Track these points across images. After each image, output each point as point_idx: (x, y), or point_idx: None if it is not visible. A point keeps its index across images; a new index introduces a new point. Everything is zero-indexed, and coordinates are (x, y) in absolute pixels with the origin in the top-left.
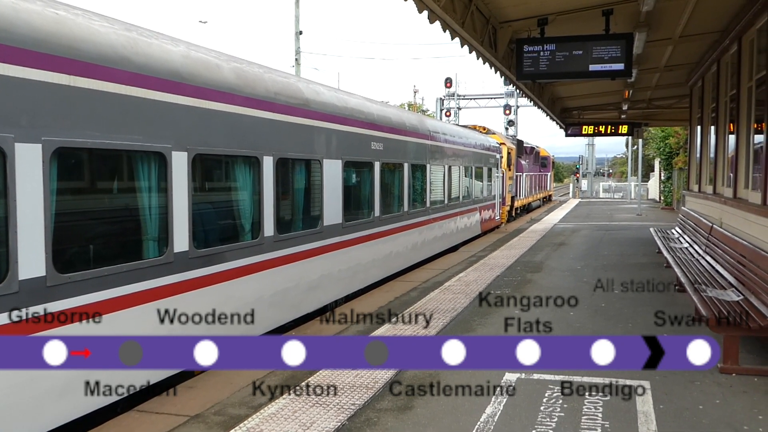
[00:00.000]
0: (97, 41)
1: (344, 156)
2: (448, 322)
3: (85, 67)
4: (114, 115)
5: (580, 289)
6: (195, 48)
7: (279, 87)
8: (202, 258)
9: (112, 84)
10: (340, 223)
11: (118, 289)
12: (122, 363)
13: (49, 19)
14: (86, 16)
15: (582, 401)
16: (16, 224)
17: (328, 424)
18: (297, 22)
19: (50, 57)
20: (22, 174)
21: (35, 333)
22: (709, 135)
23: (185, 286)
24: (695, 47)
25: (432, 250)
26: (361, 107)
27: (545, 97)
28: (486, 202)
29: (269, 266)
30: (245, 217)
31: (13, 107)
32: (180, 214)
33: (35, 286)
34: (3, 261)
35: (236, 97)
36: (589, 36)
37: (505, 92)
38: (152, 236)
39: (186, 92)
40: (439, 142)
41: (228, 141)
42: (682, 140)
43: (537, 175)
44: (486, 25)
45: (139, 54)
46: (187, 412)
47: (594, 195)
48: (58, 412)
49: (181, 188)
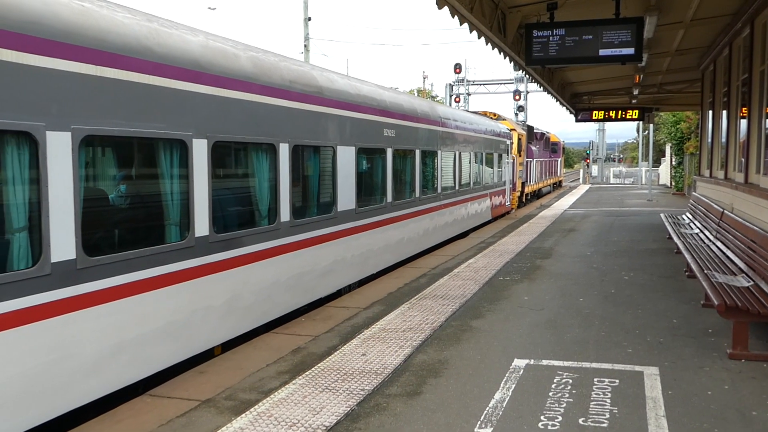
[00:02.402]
0: (121, 32)
1: (357, 143)
2: (457, 308)
3: (110, 58)
4: (138, 104)
5: (590, 275)
6: (213, 38)
7: (294, 75)
8: (221, 242)
9: (136, 74)
10: (354, 208)
11: (142, 272)
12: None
13: (76, 11)
14: (110, 7)
15: (590, 387)
16: (48, 209)
17: (338, 408)
18: (306, 8)
19: (78, 48)
20: (52, 161)
21: (66, 314)
22: (721, 119)
23: (206, 269)
24: (707, 31)
25: (443, 235)
26: (373, 94)
27: (555, 83)
28: (496, 188)
29: (285, 251)
30: (262, 202)
31: (44, 97)
32: (201, 200)
33: (66, 268)
34: (36, 244)
35: (253, 85)
36: (599, 20)
37: (515, 78)
38: (174, 221)
39: (205, 81)
40: (449, 128)
41: (246, 128)
42: (693, 125)
43: (547, 161)
44: (495, 11)
45: (161, 44)
46: (198, 397)
47: (604, 180)
48: (87, 389)
49: (201, 174)
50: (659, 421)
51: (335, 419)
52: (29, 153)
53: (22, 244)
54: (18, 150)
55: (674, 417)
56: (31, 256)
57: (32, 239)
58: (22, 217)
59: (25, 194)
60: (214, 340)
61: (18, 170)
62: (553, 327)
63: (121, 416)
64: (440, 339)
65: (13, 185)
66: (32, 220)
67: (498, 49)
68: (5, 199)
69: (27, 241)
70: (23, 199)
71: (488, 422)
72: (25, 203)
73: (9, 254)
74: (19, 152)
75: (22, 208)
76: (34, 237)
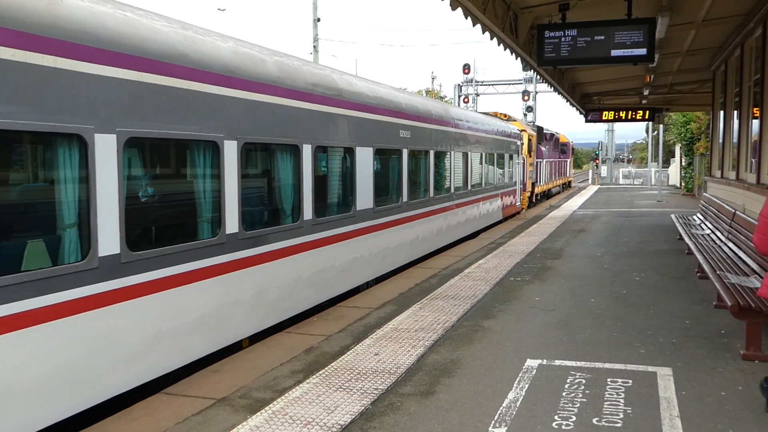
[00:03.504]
0: (160, 40)
1: (375, 144)
2: (468, 309)
3: (150, 64)
4: (174, 108)
5: (601, 275)
6: (241, 43)
7: (316, 78)
8: (250, 239)
9: (173, 79)
10: (372, 207)
11: (178, 267)
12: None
13: (120, 21)
14: (149, 16)
15: (604, 387)
16: (96, 207)
17: (352, 408)
18: (315, 9)
19: (122, 55)
20: (100, 161)
21: (111, 305)
22: (732, 120)
23: (235, 265)
24: (718, 31)
25: (456, 234)
26: (390, 96)
27: (565, 83)
28: (507, 188)
29: (308, 248)
30: (286, 201)
31: (93, 101)
32: (231, 199)
33: (111, 262)
34: (85, 239)
35: (279, 89)
36: (611, 21)
37: (524, 78)
38: (207, 218)
39: (235, 85)
40: (462, 129)
41: (272, 130)
42: (703, 125)
43: (557, 162)
44: (507, 11)
45: (196, 51)
46: (213, 395)
47: (613, 181)
48: (129, 376)
49: (232, 174)
50: (673, 422)
51: (350, 418)
52: (79, 154)
53: (73, 239)
54: (69, 151)
55: (688, 417)
56: (81, 251)
57: (81, 234)
58: (72, 213)
59: (75, 192)
60: (243, 333)
61: (69, 170)
62: (565, 327)
63: (137, 414)
64: (452, 339)
65: (65, 184)
66: (81, 216)
67: (510, 50)
68: (58, 196)
69: (77, 236)
70: (74, 197)
71: (502, 422)
72: (75, 201)
73: (61, 248)
74: (71, 153)
75: (73, 205)
76: (83, 232)
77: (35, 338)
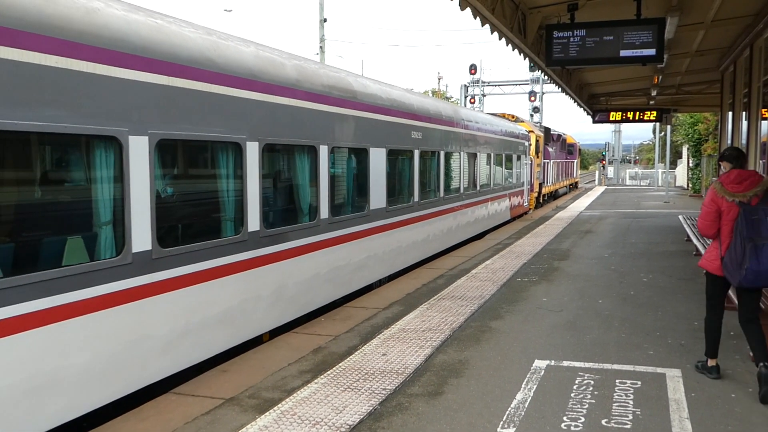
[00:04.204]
0: (188, 46)
1: (388, 145)
2: (476, 309)
3: (180, 69)
4: (201, 111)
5: (608, 276)
6: (262, 48)
7: (333, 81)
8: (270, 237)
9: (200, 83)
10: (384, 207)
11: (204, 263)
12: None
13: (152, 28)
14: (177, 23)
15: (612, 388)
16: (130, 205)
17: (361, 408)
18: (321, 10)
19: (154, 61)
20: (133, 162)
21: (143, 299)
22: (741, 121)
23: (257, 262)
24: (728, 31)
25: (465, 234)
26: (402, 98)
27: (573, 84)
28: (515, 188)
29: (324, 246)
30: (304, 200)
31: (127, 105)
32: (253, 198)
33: (144, 258)
34: (120, 236)
35: (298, 91)
36: (620, 21)
37: (531, 78)
38: (230, 217)
39: (257, 88)
40: (471, 130)
41: (291, 131)
42: (711, 126)
43: (564, 162)
44: (516, 12)
45: (221, 56)
46: (222, 395)
47: (620, 182)
48: (160, 367)
49: (253, 174)
50: (683, 423)
51: (358, 418)
52: (114, 155)
53: (108, 236)
54: (106, 153)
55: (698, 419)
56: (115, 247)
57: (116, 232)
58: (108, 211)
59: (111, 192)
60: (264, 327)
61: (106, 170)
62: (572, 328)
63: (146, 414)
64: (460, 339)
65: (102, 184)
66: (116, 214)
67: (518, 50)
68: (96, 195)
69: (112, 234)
70: (110, 196)
71: (511, 422)
72: (111, 200)
73: (97, 245)
74: (107, 155)
75: (109, 203)
76: (117, 230)
77: (75, 329)
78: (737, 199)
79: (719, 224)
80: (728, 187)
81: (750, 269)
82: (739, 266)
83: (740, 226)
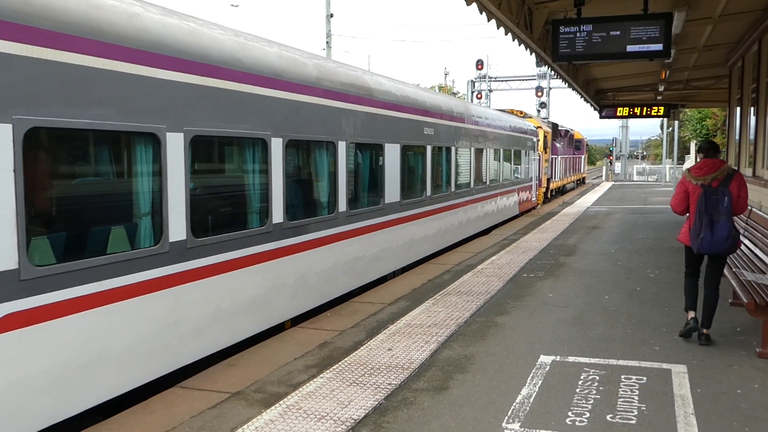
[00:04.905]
0: (218, 47)
1: (402, 140)
2: (481, 305)
3: (211, 69)
4: (230, 108)
5: (615, 272)
6: (285, 48)
7: (350, 79)
8: (293, 229)
9: (229, 82)
10: (398, 201)
11: (232, 253)
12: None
13: (186, 31)
14: (207, 25)
15: (618, 384)
16: (167, 197)
17: (366, 402)
18: (328, 5)
19: (188, 62)
20: (170, 157)
21: (178, 285)
22: (749, 116)
23: (280, 252)
24: (736, 26)
25: (475, 228)
26: (415, 96)
27: (580, 79)
28: (524, 183)
29: (342, 238)
30: (323, 194)
31: (165, 103)
32: (277, 191)
33: (179, 247)
34: (158, 227)
35: (318, 89)
36: (626, 16)
37: (537, 74)
38: (256, 209)
39: (281, 87)
40: (481, 126)
41: (312, 128)
42: (719, 122)
43: (571, 158)
44: (522, 7)
45: (248, 56)
46: (228, 389)
47: (627, 178)
48: (193, 350)
49: (278, 169)
50: (688, 419)
51: (363, 413)
52: (153, 151)
53: (148, 226)
54: (145, 148)
55: (703, 415)
56: (154, 237)
57: (154, 222)
58: (148, 203)
59: (150, 185)
60: (287, 315)
61: (146, 165)
62: (578, 324)
63: (153, 408)
64: (465, 335)
65: (142, 177)
66: (155, 206)
67: (524, 46)
68: (136, 188)
69: (151, 224)
70: (149, 188)
71: (516, 417)
72: (150, 192)
73: (138, 234)
74: (146, 150)
75: (149, 196)
76: (156, 220)
77: (120, 312)
78: (699, 182)
79: (687, 203)
80: (693, 172)
81: (704, 238)
82: (697, 236)
83: (700, 204)
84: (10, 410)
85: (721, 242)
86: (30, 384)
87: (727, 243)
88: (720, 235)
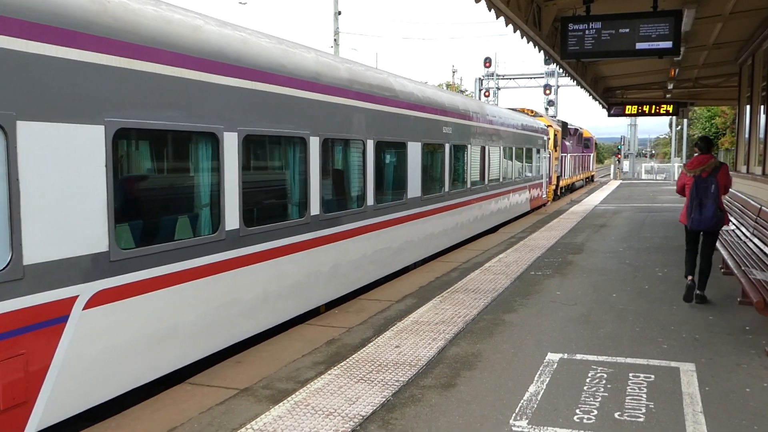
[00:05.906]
0: (265, 54)
1: (423, 139)
2: (489, 302)
3: (260, 75)
4: (275, 110)
5: (623, 270)
6: (321, 53)
7: (377, 82)
8: (327, 220)
9: (275, 86)
10: (420, 196)
11: (277, 242)
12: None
13: (238, 40)
14: (255, 35)
15: (626, 382)
16: (224, 190)
17: (374, 399)
18: (336, 3)
19: (241, 68)
20: (226, 155)
21: (233, 269)
22: (759, 114)
23: (317, 242)
24: (746, 24)
25: (490, 222)
26: (435, 96)
27: (588, 77)
28: (535, 181)
29: (370, 230)
30: (354, 188)
31: (222, 106)
32: (314, 185)
33: (234, 235)
34: (216, 217)
35: (349, 92)
36: (636, 13)
37: (545, 72)
38: (297, 202)
39: (318, 90)
40: (495, 125)
41: (343, 127)
42: (729, 120)
43: (580, 156)
44: (530, 4)
45: (290, 62)
46: (236, 386)
47: (636, 176)
48: (246, 328)
49: (315, 165)
50: (696, 417)
51: (371, 409)
52: (212, 149)
53: (208, 216)
54: (206, 146)
55: (712, 413)
56: (212, 226)
57: (213, 213)
58: (207, 195)
59: (209, 179)
60: (322, 300)
61: (206, 161)
62: (586, 322)
63: (162, 403)
64: (473, 332)
65: (203, 172)
66: (213, 198)
67: (533, 43)
68: (198, 181)
69: (210, 214)
70: (209, 182)
71: (523, 414)
72: (209, 185)
73: (200, 223)
74: (207, 148)
75: (208, 189)
76: (214, 211)
77: (185, 292)
78: (691, 173)
79: (686, 191)
80: (687, 166)
81: (694, 218)
82: (689, 216)
83: (692, 191)
84: (101, 374)
85: (708, 220)
86: (118, 352)
87: (713, 221)
88: (707, 214)
